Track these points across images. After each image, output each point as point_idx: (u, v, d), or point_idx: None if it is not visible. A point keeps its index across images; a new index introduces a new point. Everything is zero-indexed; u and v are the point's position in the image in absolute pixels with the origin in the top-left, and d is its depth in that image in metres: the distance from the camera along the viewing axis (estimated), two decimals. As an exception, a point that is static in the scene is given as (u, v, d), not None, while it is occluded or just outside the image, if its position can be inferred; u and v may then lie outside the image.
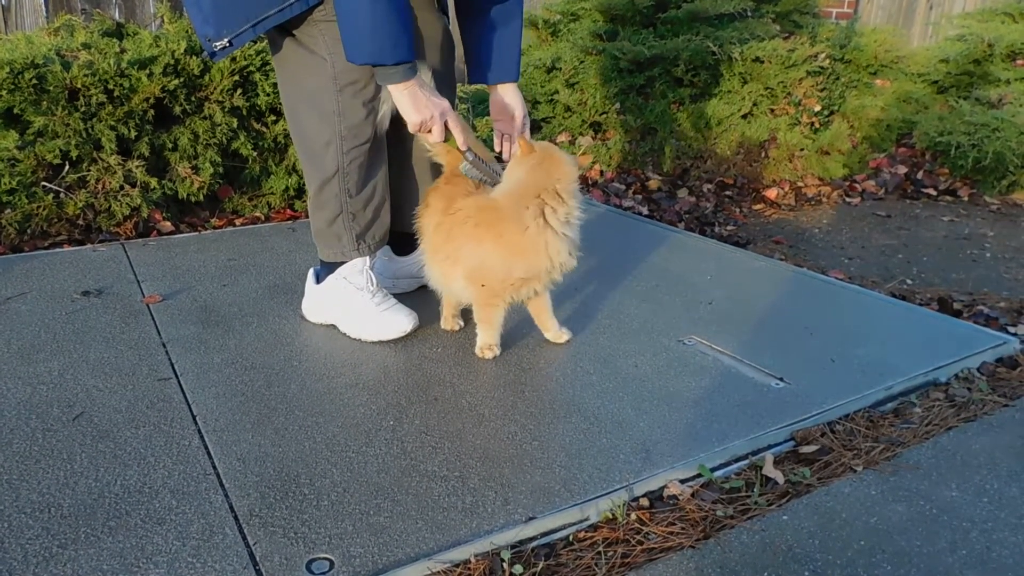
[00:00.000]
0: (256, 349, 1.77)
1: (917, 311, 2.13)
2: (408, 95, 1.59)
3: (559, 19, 4.09)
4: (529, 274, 1.67)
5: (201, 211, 2.82)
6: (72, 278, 2.16)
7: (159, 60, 2.63)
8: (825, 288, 2.26)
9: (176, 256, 2.36)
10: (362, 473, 1.33)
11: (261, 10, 1.58)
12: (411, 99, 1.60)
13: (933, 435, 1.52)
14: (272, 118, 2.85)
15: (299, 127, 1.77)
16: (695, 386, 1.66)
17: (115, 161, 2.59)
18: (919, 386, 1.72)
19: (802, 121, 3.65)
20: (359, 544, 1.16)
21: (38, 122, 2.50)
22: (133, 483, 1.28)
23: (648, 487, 1.34)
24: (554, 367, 1.73)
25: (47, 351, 1.73)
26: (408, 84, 1.58)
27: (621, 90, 3.65)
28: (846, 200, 3.53)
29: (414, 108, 1.60)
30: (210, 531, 1.18)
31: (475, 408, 1.55)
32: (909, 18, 5.85)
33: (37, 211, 2.49)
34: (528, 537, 1.22)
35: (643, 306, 2.08)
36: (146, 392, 1.57)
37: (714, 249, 2.58)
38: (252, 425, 1.47)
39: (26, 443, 1.38)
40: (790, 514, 1.28)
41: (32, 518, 1.20)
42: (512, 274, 1.66)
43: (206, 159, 2.71)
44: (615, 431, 1.49)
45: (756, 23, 3.75)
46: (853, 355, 1.82)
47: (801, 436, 1.51)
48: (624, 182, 3.51)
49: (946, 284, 2.52)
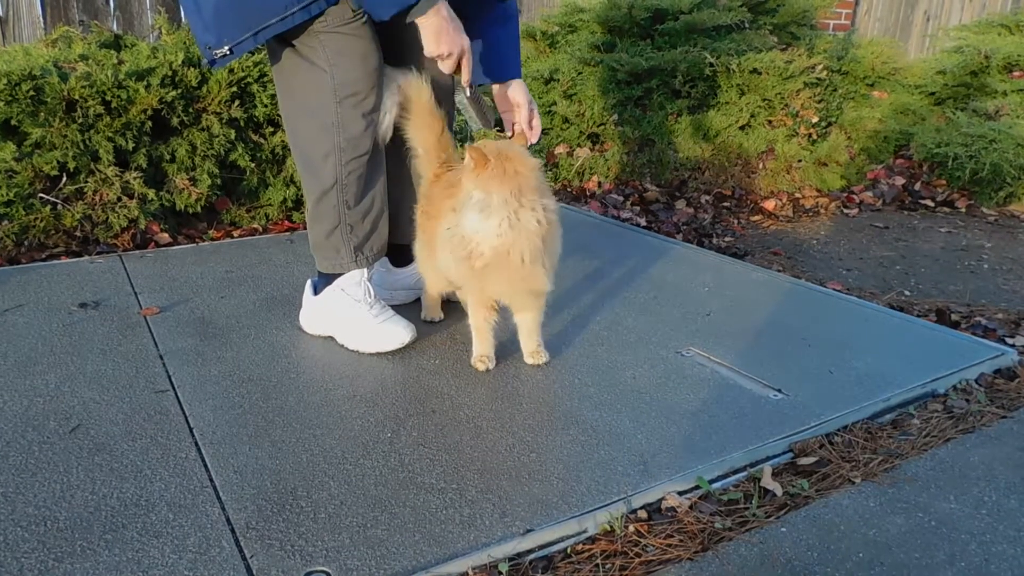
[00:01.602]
0: (253, 361, 1.77)
1: (915, 322, 2.13)
2: (435, 24, 1.59)
3: (557, 31, 4.11)
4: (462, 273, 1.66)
5: (199, 223, 2.82)
6: (69, 290, 2.15)
7: (157, 71, 2.64)
8: (823, 299, 2.27)
9: (174, 268, 2.36)
10: (359, 486, 1.33)
11: (262, 19, 1.59)
12: (437, 29, 1.60)
13: (931, 447, 1.52)
14: (270, 129, 2.86)
15: (298, 138, 1.78)
16: (693, 398, 1.66)
17: (113, 173, 2.59)
18: (917, 398, 1.72)
19: (800, 132, 3.66)
20: (356, 557, 1.16)
21: (35, 133, 2.51)
22: (130, 496, 1.28)
23: (646, 499, 1.34)
24: (551, 379, 1.73)
25: (44, 363, 1.73)
26: (437, 9, 1.58)
27: (619, 101, 3.67)
28: (844, 211, 3.54)
29: (438, 39, 1.61)
30: (207, 544, 1.17)
31: (473, 420, 1.55)
32: (906, 30, 5.89)
33: (34, 223, 2.49)
34: (526, 550, 1.21)
35: (641, 318, 2.08)
36: (143, 404, 1.57)
37: (712, 260, 2.59)
38: (249, 437, 1.46)
39: (22, 456, 1.38)
40: (788, 526, 1.27)
41: (28, 531, 1.19)
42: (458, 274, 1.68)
43: (204, 170, 2.72)
44: (613, 443, 1.48)
45: (753, 35, 3.78)
46: (851, 367, 1.82)
47: (799, 448, 1.51)
48: (622, 193, 3.52)
49: (944, 295, 2.52)
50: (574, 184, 3.60)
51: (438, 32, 1.60)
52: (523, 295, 1.70)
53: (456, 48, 1.63)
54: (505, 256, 1.58)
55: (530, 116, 1.87)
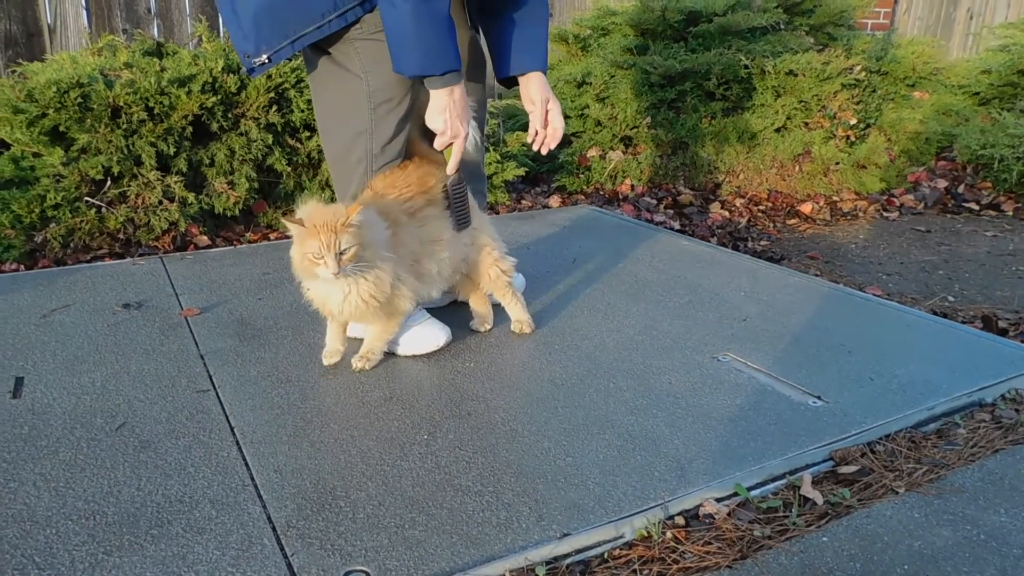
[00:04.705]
0: (291, 362, 1.79)
1: (960, 329, 2.08)
2: (442, 102, 1.62)
3: (589, 34, 4.10)
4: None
5: (236, 225, 2.88)
6: (113, 291, 2.21)
7: (198, 78, 2.70)
8: (862, 305, 2.23)
9: (213, 270, 2.40)
10: (397, 487, 1.34)
11: (299, 27, 1.62)
12: (442, 107, 1.63)
13: (979, 457, 1.48)
14: (306, 134, 2.90)
15: (332, 143, 1.80)
16: (730, 403, 1.64)
17: (154, 177, 2.65)
18: (963, 407, 1.68)
19: (837, 134, 3.60)
20: (395, 557, 1.17)
21: (82, 139, 2.58)
22: (174, 492, 1.31)
23: (683, 505, 1.33)
24: (587, 383, 1.72)
25: (90, 362, 1.77)
26: (450, 91, 1.61)
27: (652, 104, 3.65)
28: (883, 215, 3.47)
29: (439, 115, 1.64)
30: (249, 541, 1.19)
31: (508, 423, 1.55)
32: (948, 29, 5.77)
33: (80, 225, 2.56)
34: (563, 554, 1.21)
35: (676, 322, 2.06)
36: (185, 404, 1.60)
37: (747, 264, 2.56)
38: (288, 437, 1.48)
39: (72, 452, 1.42)
40: (830, 536, 1.25)
41: (78, 524, 1.22)
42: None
43: (242, 174, 2.77)
44: (649, 448, 1.47)
45: (789, 36, 3.73)
46: (893, 374, 1.79)
47: (840, 456, 1.48)
48: (655, 196, 3.50)
49: (990, 301, 2.46)
50: (607, 187, 3.59)
51: (441, 110, 1.64)
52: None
53: (451, 132, 1.66)
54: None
55: (545, 116, 1.83)
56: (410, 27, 1.51)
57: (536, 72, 1.82)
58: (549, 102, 1.83)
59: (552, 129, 1.85)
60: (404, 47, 1.55)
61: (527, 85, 1.83)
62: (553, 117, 1.84)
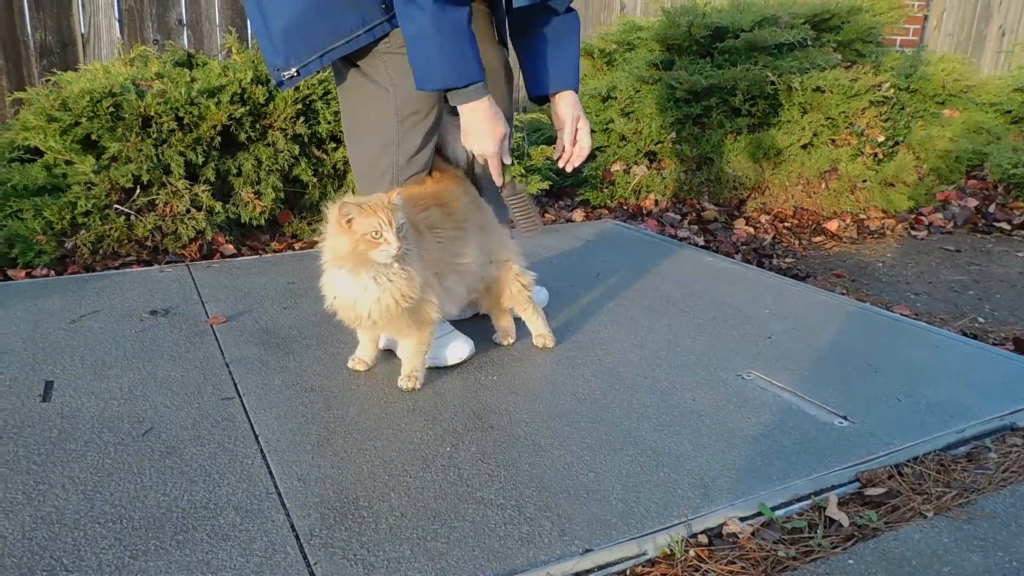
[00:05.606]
0: (315, 372, 1.80)
1: (990, 351, 2.04)
2: (476, 118, 1.64)
3: (615, 48, 4.12)
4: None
5: (262, 235, 2.91)
6: (141, 297, 2.24)
7: (227, 89, 2.74)
8: (890, 324, 2.19)
9: (238, 278, 2.43)
10: (419, 498, 1.34)
11: (328, 41, 1.64)
12: (466, 125, 1.65)
13: (1011, 483, 1.45)
14: (332, 145, 2.93)
15: (358, 155, 1.82)
16: (755, 422, 1.62)
17: (183, 185, 2.69)
18: (994, 430, 1.65)
19: (865, 152, 3.57)
20: (417, 569, 1.17)
21: (113, 148, 2.63)
22: (199, 499, 1.32)
23: (707, 524, 1.31)
24: (610, 399, 1.71)
25: (118, 367, 1.80)
26: (473, 108, 1.62)
27: (677, 120, 3.64)
28: (912, 233, 3.43)
29: (465, 134, 1.67)
30: (273, 549, 1.20)
31: (531, 437, 1.55)
32: (979, 46, 5.70)
33: (109, 232, 2.61)
34: (585, 569, 1.20)
35: (700, 339, 2.05)
36: (211, 411, 1.62)
37: (772, 282, 2.54)
38: (312, 447, 1.49)
39: (99, 456, 1.43)
40: (856, 558, 1.23)
41: (105, 528, 1.24)
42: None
43: (268, 184, 2.80)
44: (672, 465, 1.46)
45: (817, 52, 3.71)
46: (921, 395, 1.76)
47: (867, 477, 1.46)
48: (679, 212, 3.49)
49: (1022, 323, 2.41)
50: (631, 202, 3.59)
51: (466, 128, 1.67)
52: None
53: (478, 150, 1.69)
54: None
55: (574, 135, 1.84)
56: (431, 38, 1.53)
57: (568, 91, 1.83)
58: (579, 120, 1.84)
59: (579, 147, 1.85)
60: (426, 60, 1.56)
61: (559, 103, 1.84)
62: (582, 136, 1.84)
